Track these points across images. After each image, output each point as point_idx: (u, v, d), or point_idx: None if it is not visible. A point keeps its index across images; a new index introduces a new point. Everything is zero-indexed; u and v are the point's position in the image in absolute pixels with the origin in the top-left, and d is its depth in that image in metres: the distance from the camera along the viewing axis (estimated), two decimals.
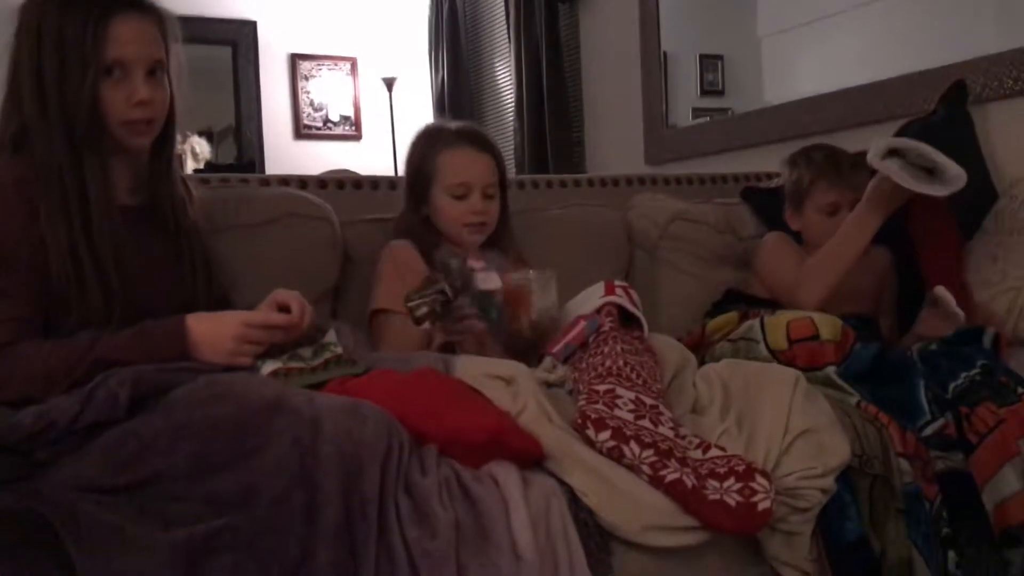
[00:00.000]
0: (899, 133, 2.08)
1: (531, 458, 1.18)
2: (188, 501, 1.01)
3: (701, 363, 1.55)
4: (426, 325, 1.47)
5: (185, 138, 4.42)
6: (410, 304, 1.43)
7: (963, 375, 1.53)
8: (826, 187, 1.91)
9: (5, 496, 1.00)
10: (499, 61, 4.65)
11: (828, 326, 1.53)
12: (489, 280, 1.52)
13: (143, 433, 1.06)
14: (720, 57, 3.23)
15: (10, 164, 1.27)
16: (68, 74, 1.25)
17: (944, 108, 2.06)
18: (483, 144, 1.79)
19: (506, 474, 1.11)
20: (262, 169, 4.85)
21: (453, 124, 1.86)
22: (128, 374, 1.13)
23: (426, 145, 1.79)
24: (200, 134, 4.63)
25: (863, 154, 1.82)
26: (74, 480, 1.05)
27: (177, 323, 1.26)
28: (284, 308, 1.34)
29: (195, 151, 4.50)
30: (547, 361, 1.46)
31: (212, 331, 1.27)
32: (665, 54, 3.32)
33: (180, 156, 4.35)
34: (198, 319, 1.27)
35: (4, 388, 1.17)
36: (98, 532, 0.94)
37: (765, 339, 1.57)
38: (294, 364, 1.29)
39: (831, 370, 1.50)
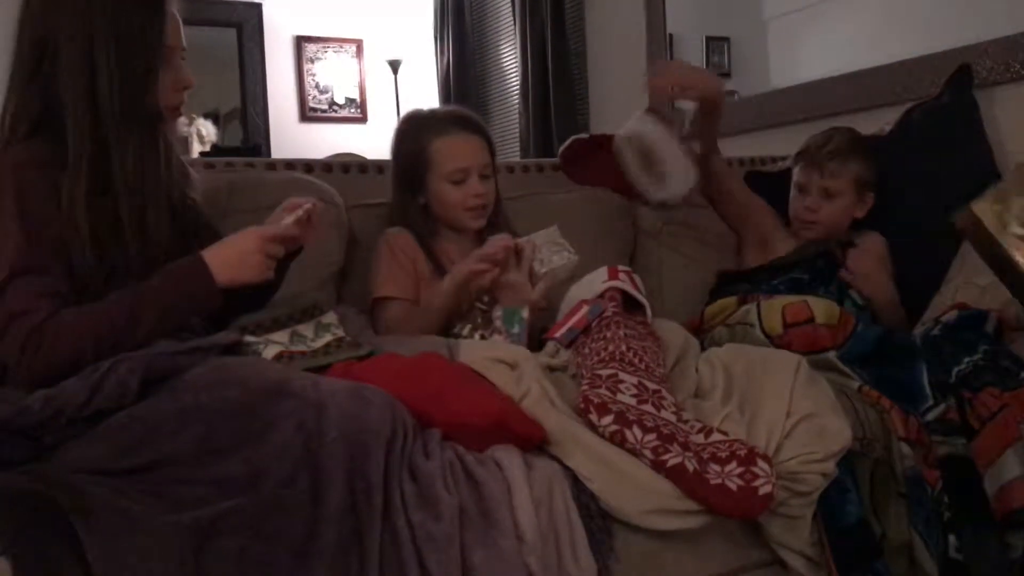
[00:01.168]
0: (905, 116, 2.07)
1: (534, 442, 1.19)
2: (195, 484, 1.02)
3: (701, 349, 1.56)
4: None
5: (191, 121, 4.43)
6: None
7: (966, 360, 1.53)
8: (802, 166, 1.99)
9: (15, 478, 1.01)
10: (504, 43, 4.63)
11: (824, 310, 1.53)
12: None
13: (149, 418, 1.08)
14: (726, 39, 3.21)
15: (29, 148, 1.26)
16: (130, 66, 1.25)
17: (949, 92, 2.05)
18: (474, 127, 1.79)
19: (509, 458, 1.13)
20: (268, 152, 4.86)
21: (440, 109, 1.87)
22: (139, 361, 1.13)
23: (416, 134, 1.78)
24: (206, 117, 4.63)
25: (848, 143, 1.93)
26: (82, 463, 1.06)
27: (194, 260, 1.26)
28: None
29: (201, 134, 4.50)
30: (550, 346, 1.47)
31: (235, 255, 1.28)
32: (671, 36, 3.30)
33: (186, 139, 4.36)
34: (211, 251, 1.28)
35: (54, 364, 1.16)
36: (106, 514, 0.95)
37: (761, 324, 1.58)
38: (297, 348, 1.30)
39: (831, 354, 1.51)
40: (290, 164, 1.96)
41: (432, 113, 1.86)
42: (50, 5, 1.26)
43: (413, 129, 1.80)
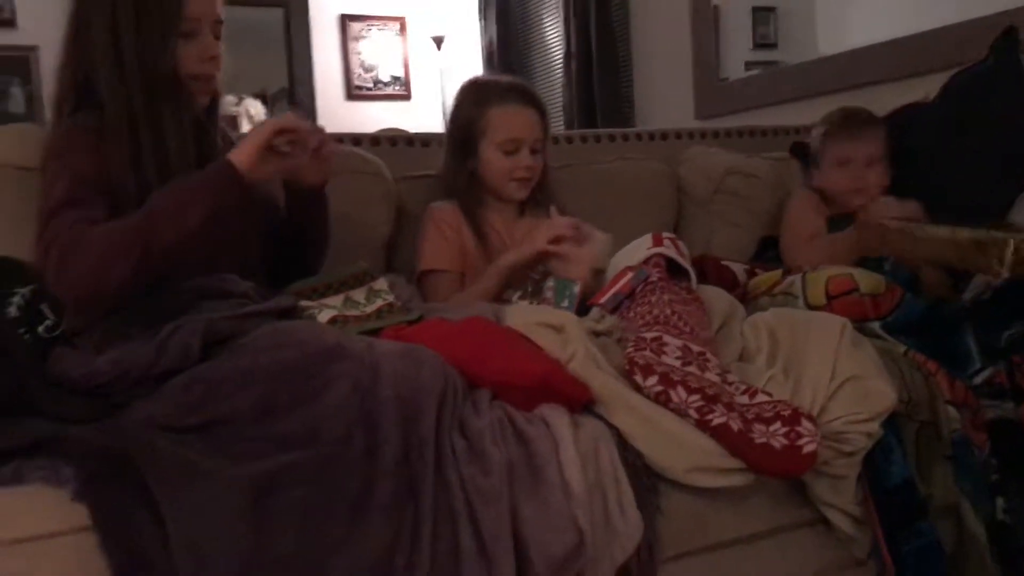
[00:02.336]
0: (948, 83, 2.04)
1: (580, 402, 1.21)
2: (255, 440, 1.06)
3: None
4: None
5: (240, 100, 4.49)
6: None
7: (1016, 324, 1.52)
8: (840, 140, 1.99)
9: (89, 432, 1.06)
10: (548, 16, 4.62)
11: (868, 280, 1.53)
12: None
13: (211, 377, 1.12)
14: (773, 9, 3.17)
15: (75, 121, 1.33)
16: (147, 31, 1.31)
17: (995, 56, 2.02)
18: (532, 100, 1.81)
19: (556, 416, 1.15)
20: None
21: (503, 79, 1.88)
22: (201, 324, 1.17)
23: (475, 100, 1.81)
24: (254, 96, 4.69)
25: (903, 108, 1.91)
26: (149, 420, 1.10)
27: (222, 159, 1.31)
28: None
29: (250, 113, 4.56)
30: (595, 311, 1.49)
31: (246, 139, 1.32)
32: (716, 7, 3.28)
33: (236, 118, 4.43)
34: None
35: (82, 265, 1.22)
36: (173, 466, 1.00)
37: (805, 294, 1.58)
38: (350, 312, 1.34)
39: (875, 325, 1.51)
40: (338, 138, 1.99)
41: (495, 81, 1.89)
42: None
43: (473, 95, 1.83)
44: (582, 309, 1.57)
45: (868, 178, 1.96)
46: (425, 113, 5.15)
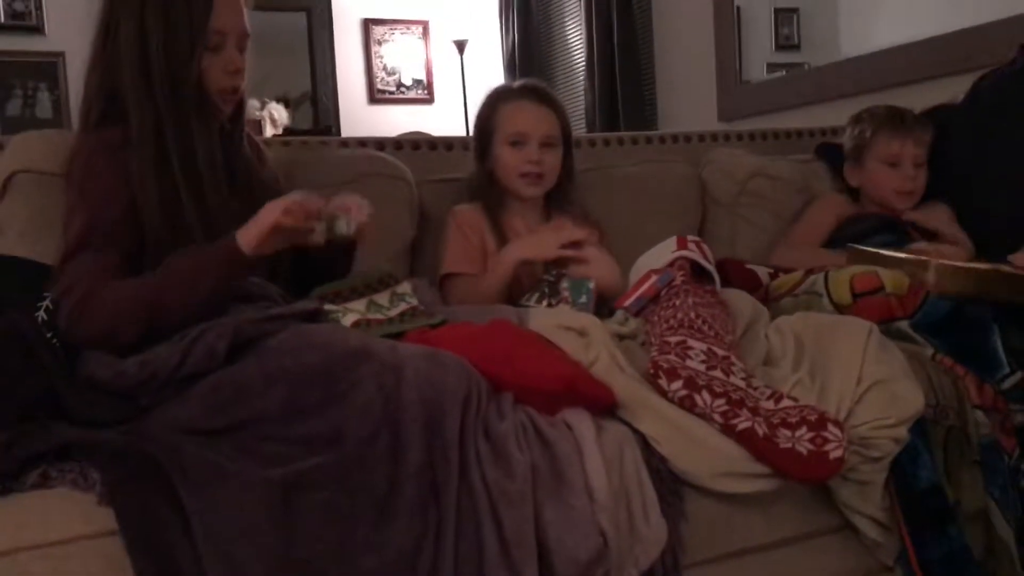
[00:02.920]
0: (977, 83, 2.02)
1: (604, 406, 1.21)
2: (281, 442, 1.07)
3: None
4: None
5: (264, 105, 4.53)
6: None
7: None
8: (888, 137, 1.97)
9: (115, 435, 1.08)
10: (569, 20, 4.63)
11: (893, 279, 1.51)
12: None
13: (238, 380, 1.12)
14: (796, 10, 3.16)
15: (100, 134, 1.33)
16: (174, 42, 1.31)
17: (1023, 58, 2.00)
18: (543, 97, 1.83)
19: (580, 420, 1.15)
20: (338, 134, 4.94)
21: (519, 81, 1.92)
22: (227, 327, 1.17)
23: (490, 101, 1.85)
24: (277, 101, 4.73)
25: (930, 110, 1.89)
26: (176, 423, 1.12)
27: (228, 238, 1.28)
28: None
29: (273, 117, 4.61)
30: (619, 314, 1.49)
31: (253, 220, 1.28)
32: (739, 8, 3.27)
33: (259, 122, 4.47)
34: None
35: (92, 327, 1.23)
36: (200, 468, 1.01)
37: (829, 293, 1.56)
38: (374, 315, 1.34)
39: (903, 324, 1.49)
40: (362, 142, 2.00)
41: (512, 83, 1.92)
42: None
43: (489, 98, 1.87)
44: (603, 310, 1.57)
45: (918, 180, 1.94)
46: (448, 117, 5.16)
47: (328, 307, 1.33)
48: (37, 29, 4.48)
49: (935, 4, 2.52)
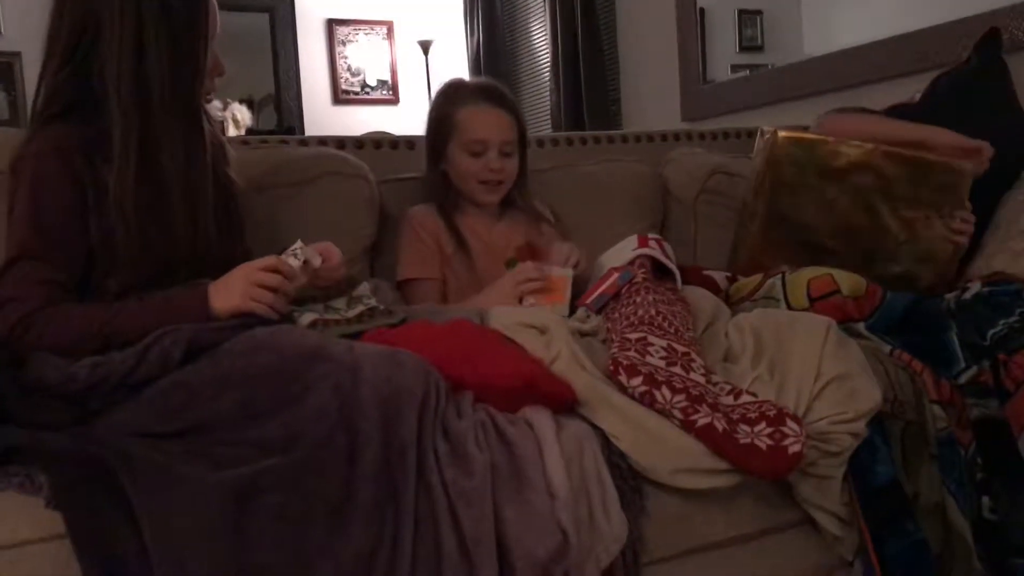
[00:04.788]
0: (933, 83, 2.05)
1: (564, 402, 1.20)
2: (236, 445, 1.05)
3: None
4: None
5: (226, 106, 4.48)
6: None
7: (1001, 322, 1.52)
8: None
9: (63, 439, 1.05)
10: (534, 20, 4.63)
11: (848, 281, 1.52)
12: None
13: (190, 382, 1.11)
14: (759, 12, 3.18)
15: (55, 133, 1.26)
16: (177, 46, 1.27)
17: (978, 57, 2.03)
18: (502, 101, 1.78)
19: (540, 417, 1.14)
20: (302, 135, 4.90)
21: (473, 81, 1.87)
22: (183, 334, 1.15)
23: (445, 101, 1.80)
24: (241, 102, 4.68)
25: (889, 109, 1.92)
26: (126, 426, 1.09)
27: (199, 286, 1.25)
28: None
29: (236, 118, 4.55)
30: (580, 311, 1.49)
31: (224, 280, 1.26)
32: (702, 10, 3.29)
33: (222, 123, 4.42)
34: (216, 282, 1.26)
35: (39, 344, 1.19)
36: (151, 472, 0.99)
37: (787, 298, 1.57)
38: (331, 316, 1.33)
39: (860, 326, 1.50)
40: (322, 141, 1.98)
41: (467, 82, 1.87)
42: (95, 3, 1.25)
43: (444, 96, 1.82)
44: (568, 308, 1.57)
45: None
46: (413, 117, 5.13)
47: None
48: None
49: (893, 6, 2.55)
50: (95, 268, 1.27)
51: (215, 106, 1.49)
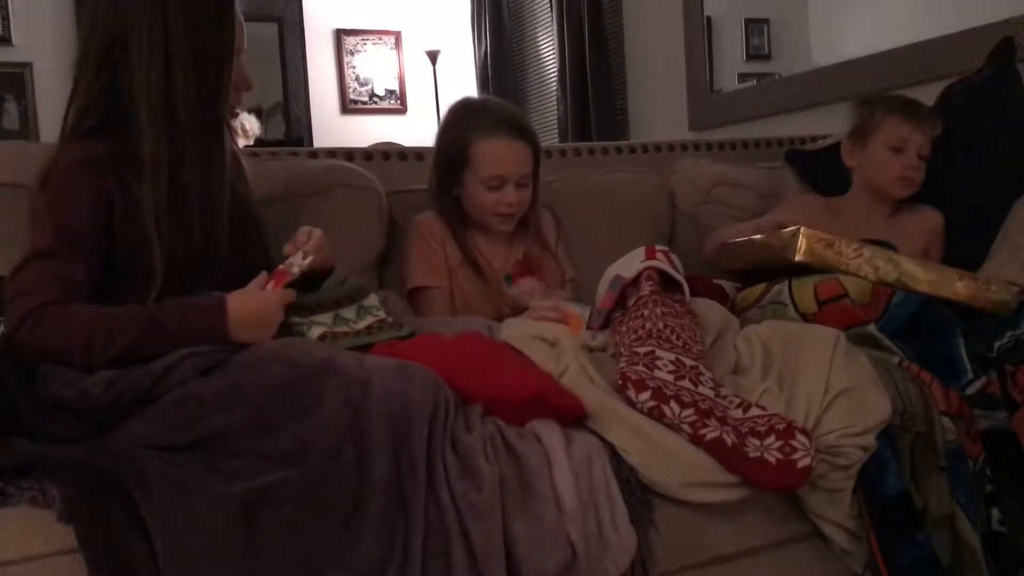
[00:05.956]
0: (945, 92, 2.05)
1: (573, 416, 1.20)
2: (246, 457, 1.06)
3: None
4: None
5: (235, 116, 4.49)
6: None
7: (1009, 334, 1.52)
8: (900, 122, 1.91)
9: (76, 452, 1.05)
10: (541, 30, 4.64)
11: (856, 286, 1.52)
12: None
13: (201, 395, 1.11)
14: (766, 21, 3.19)
15: (87, 146, 1.27)
16: (202, 60, 1.28)
17: (991, 66, 2.03)
18: (521, 132, 1.73)
19: (549, 431, 1.14)
20: (311, 145, 4.92)
21: (492, 106, 1.80)
22: (204, 360, 1.15)
23: (463, 126, 1.74)
24: (249, 111, 4.70)
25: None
26: (140, 439, 1.10)
27: (217, 307, 1.23)
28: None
29: (245, 128, 4.57)
30: (585, 333, 1.49)
31: (257, 311, 1.26)
32: (709, 19, 3.29)
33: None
34: (236, 300, 1.25)
35: (47, 346, 1.18)
36: (163, 485, 1.00)
37: (794, 303, 1.57)
38: (340, 328, 1.33)
39: (871, 327, 1.50)
40: (331, 153, 2.00)
41: (484, 108, 1.80)
42: (119, 16, 1.26)
43: (461, 121, 1.76)
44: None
45: (920, 171, 1.90)
46: (420, 127, 5.16)
47: (294, 320, 1.32)
48: (4, 39, 4.43)
49: (903, 15, 2.55)
50: (114, 280, 1.27)
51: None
